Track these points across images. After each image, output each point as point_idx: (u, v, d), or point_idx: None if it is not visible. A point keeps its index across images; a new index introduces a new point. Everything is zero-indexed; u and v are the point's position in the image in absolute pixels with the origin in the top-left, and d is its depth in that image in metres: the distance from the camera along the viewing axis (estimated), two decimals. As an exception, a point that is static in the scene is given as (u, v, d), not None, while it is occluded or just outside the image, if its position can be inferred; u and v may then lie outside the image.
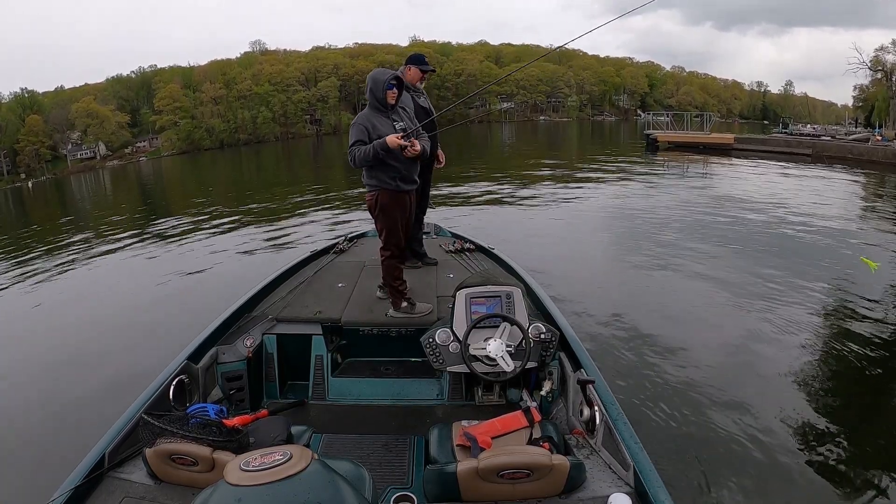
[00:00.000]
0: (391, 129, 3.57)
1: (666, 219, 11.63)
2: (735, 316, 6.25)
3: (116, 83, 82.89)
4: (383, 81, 3.57)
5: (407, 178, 3.72)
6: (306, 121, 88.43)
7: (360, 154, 3.51)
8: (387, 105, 3.63)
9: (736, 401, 4.44)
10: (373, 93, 3.61)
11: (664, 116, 34.67)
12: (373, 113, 3.63)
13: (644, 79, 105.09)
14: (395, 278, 3.81)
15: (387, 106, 3.63)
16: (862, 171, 19.78)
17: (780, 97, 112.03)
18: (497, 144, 45.68)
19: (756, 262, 8.17)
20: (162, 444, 2.15)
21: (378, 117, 3.61)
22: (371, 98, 3.63)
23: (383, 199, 3.68)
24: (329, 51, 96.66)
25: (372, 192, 3.71)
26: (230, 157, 60.77)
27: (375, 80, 3.60)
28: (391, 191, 3.66)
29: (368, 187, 3.73)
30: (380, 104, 3.61)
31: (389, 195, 3.67)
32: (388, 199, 3.68)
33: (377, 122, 3.58)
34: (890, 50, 43.47)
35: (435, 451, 2.56)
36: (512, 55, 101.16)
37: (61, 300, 8.83)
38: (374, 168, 3.61)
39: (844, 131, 34.96)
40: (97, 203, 29.08)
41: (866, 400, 4.71)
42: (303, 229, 12.46)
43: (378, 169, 3.61)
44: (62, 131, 72.88)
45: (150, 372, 2.99)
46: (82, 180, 53.13)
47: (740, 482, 3.53)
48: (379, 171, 3.62)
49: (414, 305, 3.81)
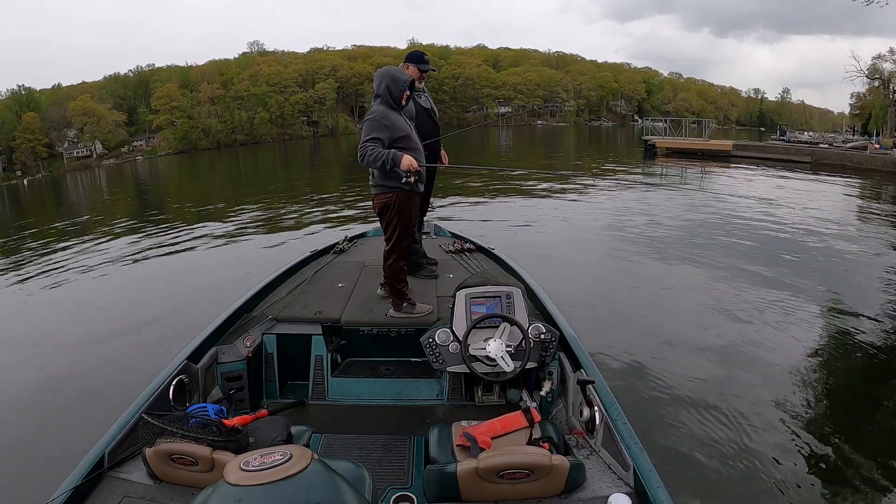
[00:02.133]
0: (407, 127, 3.57)
1: (666, 224, 11.69)
2: (735, 318, 6.29)
3: (114, 82, 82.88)
4: (403, 81, 3.53)
5: (422, 179, 3.72)
6: (303, 122, 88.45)
7: (373, 156, 3.38)
8: (400, 104, 3.57)
9: (736, 401, 4.47)
10: (389, 90, 3.50)
11: (662, 122, 34.64)
12: (388, 110, 3.54)
13: (641, 84, 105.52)
14: (398, 280, 3.78)
15: (400, 105, 3.58)
16: (862, 180, 19.83)
17: (777, 104, 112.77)
18: (494, 148, 45.74)
19: (757, 268, 8.21)
20: (162, 444, 2.14)
21: (394, 115, 3.54)
22: (386, 95, 3.51)
23: (401, 201, 3.61)
24: (327, 53, 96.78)
25: (387, 194, 3.62)
26: (227, 157, 60.78)
27: (395, 79, 3.52)
28: (408, 192, 3.61)
29: (381, 188, 3.64)
30: (395, 102, 3.54)
31: (406, 196, 3.62)
32: (405, 200, 3.63)
33: (395, 120, 3.52)
34: (887, 58, 43.78)
35: (435, 451, 2.56)
36: (510, 59, 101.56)
37: (60, 300, 8.80)
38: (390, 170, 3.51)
39: (842, 139, 35.12)
40: (94, 202, 29.02)
41: (865, 400, 4.76)
42: (302, 229, 12.47)
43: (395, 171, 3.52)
44: (59, 129, 72.72)
45: (150, 372, 2.98)
46: (78, 179, 52.98)
47: (740, 482, 3.55)
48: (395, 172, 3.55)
49: (414, 306, 3.80)
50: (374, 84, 3.61)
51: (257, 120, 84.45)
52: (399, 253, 3.73)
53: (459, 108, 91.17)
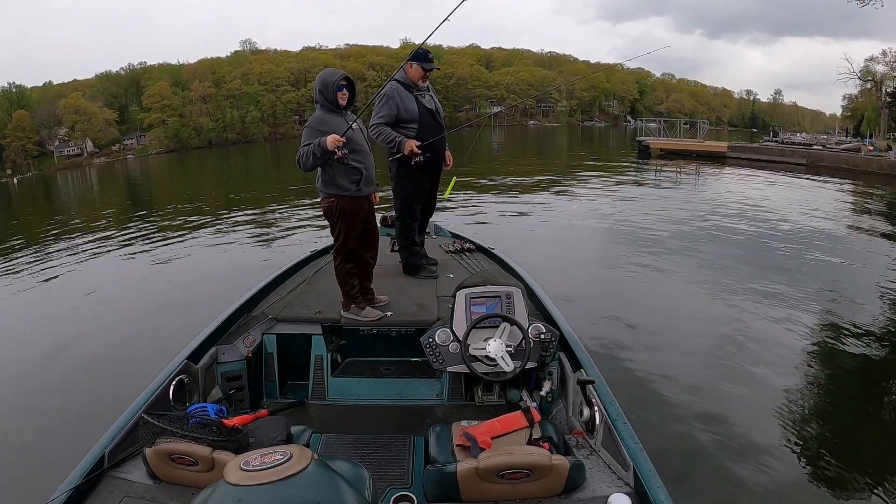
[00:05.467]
0: (343, 127, 3.40)
1: (664, 225, 11.72)
2: (735, 318, 6.32)
3: (105, 79, 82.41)
4: (332, 82, 3.43)
5: (369, 180, 3.60)
6: (295, 121, 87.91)
7: (303, 155, 3.35)
8: (338, 106, 3.47)
9: (736, 400, 4.51)
10: (323, 94, 3.45)
11: (655, 123, 34.66)
12: (326, 114, 3.47)
13: (634, 85, 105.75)
14: (345, 282, 3.73)
15: (338, 107, 3.48)
16: (859, 183, 19.88)
17: (770, 106, 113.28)
18: (486, 148, 45.77)
19: (757, 269, 8.26)
20: (162, 444, 2.14)
21: (333, 118, 3.45)
22: (322, 99, 3.47)
23: (343, 206, 3.54)
24: (320, 51, 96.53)
25: (330, 199, 3.56)
26: (219, 156, 60.53)
27: (325, 83, 3.45)
28: (350, 197, 3.53)
29: (324, 193, 3.58)
30: (332, 104, 3.46)
31: (350, 200, 3.54)
32: (348, 204, 3.54)
33: (333, 123, 3.40)
34: (880, 60, 44.14)
35: (435, 451, 2.56)
36: (503, 59, 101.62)
37: (58, 300, 8.76)
38: (332, 173, 3.47)
39: (835, 140, 35.24)
40: (85, 201, 28.81)
41: (863, 400, 4.79)
42: (301, 229, 12.46)
43: (338, 174, 3.47)
44: (49, 127, 72.29)
45: (150, 372, 2.97)
46: (69, 177, 52.63)
47: (740, 482, 3.57)
48: (338, 176, 3.48)
49: (363, 308, 3.76)
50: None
51: (249, 119, 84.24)
52: (344, 255, 3.68)
53: (452, 108, 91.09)
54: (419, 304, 3.99)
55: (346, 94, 3.51)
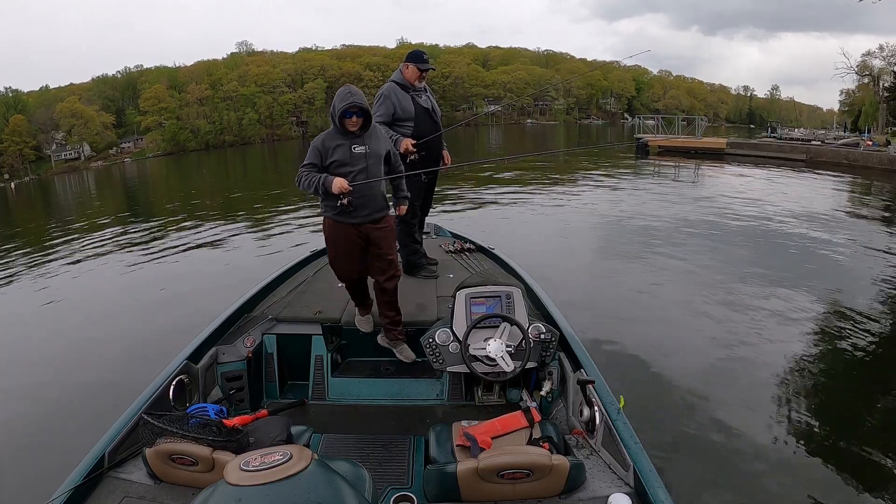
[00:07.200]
0: (348, 155, 3.24)
1: (664, 223, 11.71)
2: (735, 317, 6.33)
3: (101, 83, 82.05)
4: (340, 108, 3.18)
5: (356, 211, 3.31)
6: (292, 123, 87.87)
7: (306, 181, 3.23)
8: (346, 133, 3.26)
9: (735, 401, 4.51)
10: (331, 115, 3.27)
11: (653, 120, 34.60)
12: (330, 135, 3.29)
13: (631, 82, 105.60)
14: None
15: (346, 134, 3.26)
16: (859, 178, 19.82)
17: (767, 101, 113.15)
18: (483, 147, 45.77)
19: (758, 267, 8.26)
20: (162, 444, 2.15)
21: (336, 139, 3.27)
22: (331, 119, 3.28)
23: (326, 228, 3.45)
24: (316, 52, 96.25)
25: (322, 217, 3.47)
26: (216, 158, 60.41)
27: (335, 104, 3.23)
28: (333, 221, 3.38)
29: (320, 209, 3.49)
30: (337, 128, 3.26)
31: (332, 225, 3.41)
32: (331, 229, 3.42)
33: (332, 146, 3.25)
34: (877, 55, 44.24)
35: (435, 451, 2.57)
36: (499, 58, 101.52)
37: (58, 301, 8.73)
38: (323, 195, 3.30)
39: (833, 135, 35.18)
40: (83, 205, 28.71)
41: (864, 400, 4.77)
42: (301, 230, 12.45)
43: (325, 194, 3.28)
44: (46, 131, 71.89)
45: (150, 372, 2.98)
46: (66, 181, 52.48)
47: (740, 482, 3.57)
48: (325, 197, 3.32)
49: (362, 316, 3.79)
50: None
51: (246, 120, 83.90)
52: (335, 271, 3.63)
53: (449, 108, 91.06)
54: (419, 304, 4.00)
55: (356, 121, 3.23)
